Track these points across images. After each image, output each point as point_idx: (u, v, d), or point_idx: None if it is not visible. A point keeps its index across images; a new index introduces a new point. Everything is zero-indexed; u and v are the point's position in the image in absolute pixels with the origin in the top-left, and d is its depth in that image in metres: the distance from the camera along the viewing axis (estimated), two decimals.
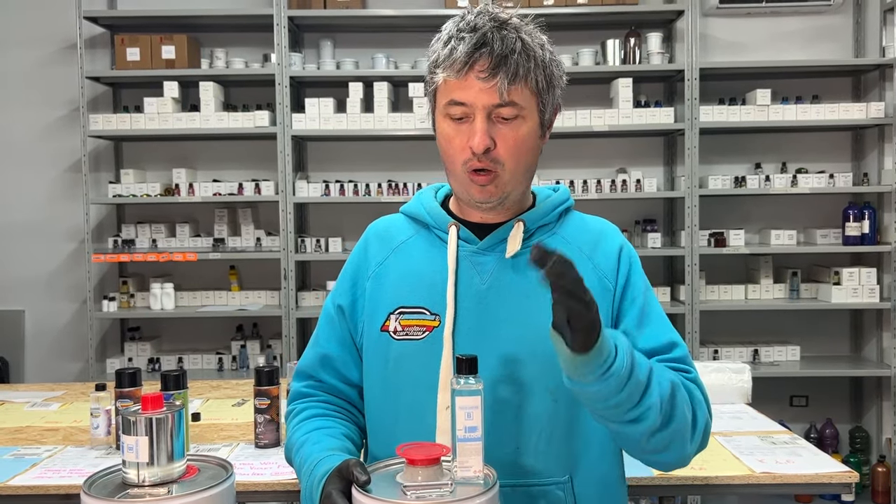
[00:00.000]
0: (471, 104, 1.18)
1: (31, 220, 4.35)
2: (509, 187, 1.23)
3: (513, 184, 1.23)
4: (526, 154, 1.22)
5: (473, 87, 1.17)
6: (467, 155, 1.20)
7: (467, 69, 1.17)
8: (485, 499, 0.99)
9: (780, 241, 4.11)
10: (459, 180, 1.23)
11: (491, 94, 1.17)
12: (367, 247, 1.35)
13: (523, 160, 1.22)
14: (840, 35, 4.27)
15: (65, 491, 1.86)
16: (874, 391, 4.29)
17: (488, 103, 1.17)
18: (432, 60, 1.22)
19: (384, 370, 1.26)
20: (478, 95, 1.17)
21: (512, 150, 1.20)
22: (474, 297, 1.24)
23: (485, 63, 1.16)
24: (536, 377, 1.20)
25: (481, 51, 1.17)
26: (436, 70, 1.21)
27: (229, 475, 1.08)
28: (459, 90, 1.18)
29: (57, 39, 4.29)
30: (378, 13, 4.06)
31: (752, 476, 1.91)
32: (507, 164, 1.20)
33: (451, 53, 1.18)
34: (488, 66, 1.16)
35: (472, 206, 1.26)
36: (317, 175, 4.31)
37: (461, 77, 1.18)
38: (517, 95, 1.18)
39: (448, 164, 1.24)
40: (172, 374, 2.00)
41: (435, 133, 1.27)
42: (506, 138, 1.19)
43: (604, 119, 3.99)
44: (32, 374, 4.35)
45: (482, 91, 1.17)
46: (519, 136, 1.20)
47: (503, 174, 1.21)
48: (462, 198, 1.27)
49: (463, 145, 1.20)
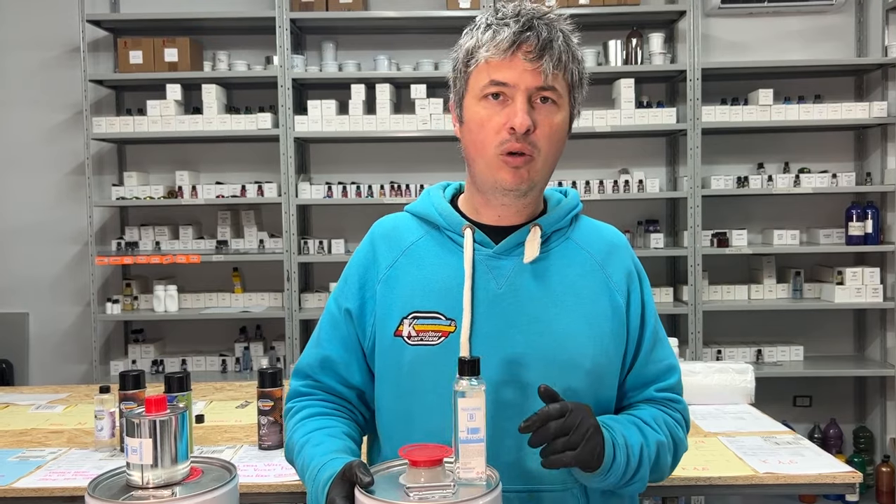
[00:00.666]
0: (514, 84, 1.18)
1: (35, 222, 4.36)
2: (539, 176, 1.23)
3: (542, 173, 1.23)
4: (558, 143, 1.23)
5: (518, 67, 1.18)
6: (503, 136, 1.19)
7: (514, 49, 1.17)
8: (487, 500, 0.99)
9: (783, 241, 4.11)
10: (490, 164, 1.21)
11: (535, 76, 1.18)
12: (375, 248, 1.32)
13: (555, 149, 1.23)
14: (842, 34, 4.26)
15: (69, 493, 1.86)
16: (878, 391, 4.28)
17: (532, 85, 1.18)
18: (470, 46, 1.22)
19: (398, 376, 1.25)
20: (522, 76, 1.18)
21: (548, 136, 1.20)
22: (490, 302, 1.23)
23: (532, 45, 1.17)
24: (552, 383, 1.18)
25: (527, 34, 1.18)
26: (476, 52, 1.21)
27: (233, 477, 1.08)
28: (503, 70, 1.18)
29: (60, 43, 4.30)
30: (380, 15, 4.07)
31: (756, 476, 1.91)
32: (543, 150, 1.20)
33: (496, 35, 1.18)
34: (535, 47, 1.17)
35: (497, 195, 1.24)
36: (319, 177, 4.31)
37: (507, 57, 1.18)
38: (557, 82, 1.20)
39: (477, 149, 1.22)
40: (176, 377, 2.01)
41: (460, 122, 1.26)
42: (543, 123, 1.20)
43: (606, 120, 3.99)
44: (37, 377, 4.36)
45: (527, 72, 1.17)
46: (555, 124, 1.21)
47: (538, 160, 1.20)
48: (485, 185, 1.24)
49: (499, 127, 1.19)
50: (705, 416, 2.40)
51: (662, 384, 1.31)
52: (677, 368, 1.34)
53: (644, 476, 1.22)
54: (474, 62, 1.21)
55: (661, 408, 1.30)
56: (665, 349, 1.33)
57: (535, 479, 1.20)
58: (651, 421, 1.26)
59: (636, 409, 1.30)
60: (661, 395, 1.31)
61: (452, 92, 1.28)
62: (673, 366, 1.33)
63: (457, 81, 1.26)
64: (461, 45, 1.25)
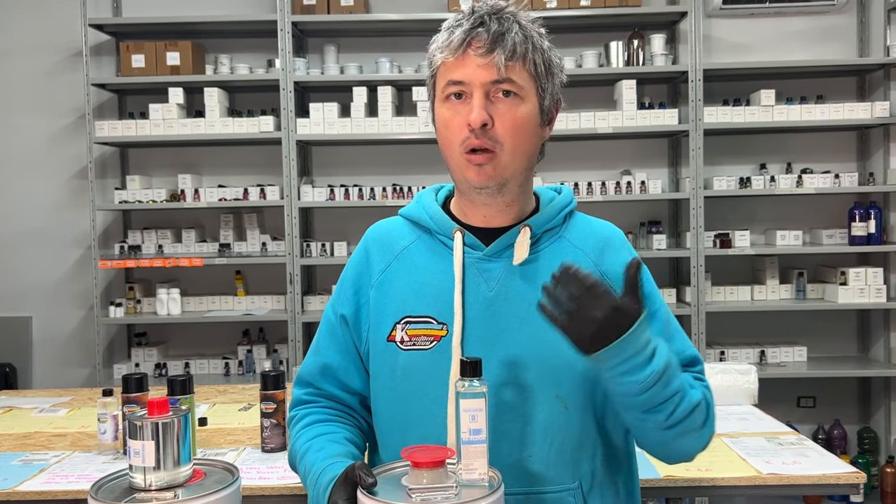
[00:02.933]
0: (468, 82, 1.18)
1: (38, 227, 4.37)
2: (507, 171, 1.20)
3: (511, 168, 1.21)
4: (525, 136, 1.21)
5: (470, 64, 1.18)
6: (464, 134, 1.18)
7: (464, 47, 1.18)
8: (489, 501, 0.99)
9: (786, 241, 4.10)
10: (457, 163, 1.21)
11: (488, 70, 1.17)
12: (368, 253, 1.32)
13: (522, 142, 1.20)
14: (844, 35, 4.26)
15: (73, 496, 1.86)
16: (882, 391, 4.27)
17: (486, 80, 1.17)
18: (432, 49, 1.23)
19: (392, 381, 1.25)
20: (475, 72, 1.17)
21: (510, 129, 1.18)
22: (482, 305, 1.22)
23: (481, 40, 1.17)
24: (545, 384, 1.19)
25: (478, 30, 1.18)
26: (435, 55, 1.22)
27: (235, 479, 1.08)
28: (457, 69, 1.19)
29: (62, 47, 4.31)
30: (381, 18, 4.07)
31: (759, 477, 1.90)
32: (506, 144, 1.19)
33: (450, 37, 1.20)
34: (485, 42, 1.17)
35: (472, 194, 1.24)
36: (322, 179, 4.31)
37: (458, 56, 1.18)
38: (515, 74, 1.18)
39: (445, 150, 1.23)
40: (179, 379, 2.01)
41: (434, 126, 1.26)
42: (504, 116, 1.18)
43: (608, 121, 3.99)
44: (40, 381, 4.37)
45: (479, 67, 1.17)
46: (517, 116, 1.19)
47: (501, 155, 1.19)
48: (461, 186, 1.25)
49: (461, 125, 1.19)
50: None
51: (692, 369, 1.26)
52: (701, 360, 1.29)
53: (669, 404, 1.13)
54: (434, 66, 1.22)
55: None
56: (683, 342, 1.28)
57: (534, 481, 1.19)
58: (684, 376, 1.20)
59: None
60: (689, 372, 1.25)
61: (428, 98, 1.29)
62: (696, 357, 1.27)
63: (429, 87, 1.27)
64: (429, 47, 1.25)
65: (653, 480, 1.87)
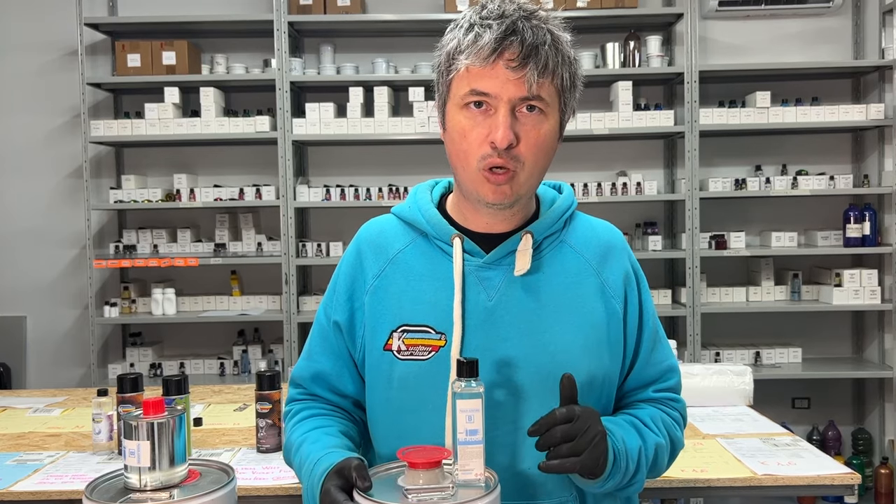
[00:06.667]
0: (496, 95, 1.10)
1: (33, 226, 4.35)
2: (524, 189, 1.16)
3: (528, 185, 1.16)
4: (545, 154, 1.16)
5: (500, 76, 1.10)
6: (485, 150, 1.12)
7: (495, 57, 1.09)
8: (486, 501, 0.99)
9: (781, 242, 4.11)
10: (472, 179, 1.15)
11: (519, 87, 1.10)
12: (361, 256, 1.27)
13: (542, 161, 1.16)
14: (839, 37, 4.27)
15: (67, 496, 1.86)
16: (876, 393, 4.28)
17: (515, 96, 1.10)
18: (451, 48, 1.14)
19: (388, 390, 1.22)
20: (504, 86, 1.10)
21: (533, 149, 1.13)
22: (481, 315, 1.18)
23: (515, 52, 1.09)
24: (546, 395, 1.16)
25: (511, 38, 1.09)
26: (457, 57, 1.13)
27: (231, 479, 1.08)
28: (484, 79, 1.11)
29: (58, 46, 4.30)
30: (378, 18, 4.07)
31: (754, 478, 1.91)
32: (528, 164, 1.13)
33: (477, 40, 1.10)
34: (518, 55, 1.09)
35: (481, 207, 1.18)
36: (317, 180, 4.31)
37: (488, 65, 1.10)
38: (543, 90, 1.12)
39: (459, 160, 1.16)
40: (174, 379, 2.01)
41: (443, 128, 1.20)
42: (528, 135, 1.12)
43: (604, 122, 3.99)
44: (34, 380, 4.35)
45: (509, 82, 1.10)
46: (541, 135, 1.13)
47: (521, 174, 1.14)
48: (470, 198, 1.19)
49: (481, 139, 1.12)
50: (704, 418, 2.40)
51: (662, 385, 1.30)
52: (677, 369, 1.32)
53: (641, 479, 1.21)
54: (455, 68, 1.14)
55: (660, 406, 1.29)
56: (664, 350, 1.31)
57: (530, 490, 1.18)
58: (650, 422, 1.24)
59: (635, 408, 1.28)
60: (660, 394, 1.30)
61: (436, 95, 1.22)
62: (672, 367, 1.32)
63: (439, 85, 1.19)
64: (443, 45, 1.18)
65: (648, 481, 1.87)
